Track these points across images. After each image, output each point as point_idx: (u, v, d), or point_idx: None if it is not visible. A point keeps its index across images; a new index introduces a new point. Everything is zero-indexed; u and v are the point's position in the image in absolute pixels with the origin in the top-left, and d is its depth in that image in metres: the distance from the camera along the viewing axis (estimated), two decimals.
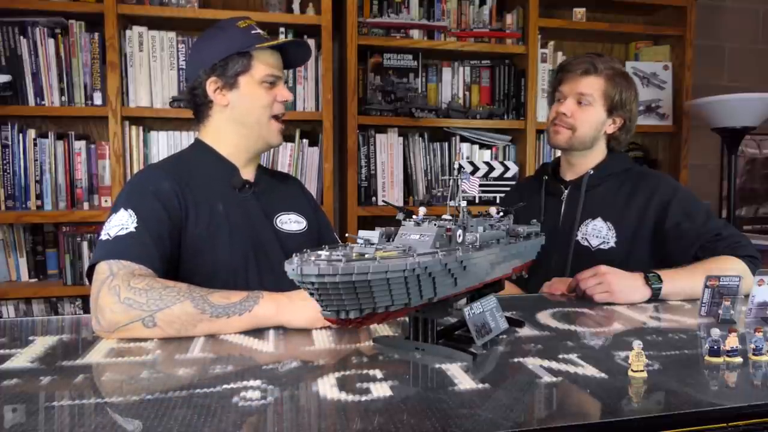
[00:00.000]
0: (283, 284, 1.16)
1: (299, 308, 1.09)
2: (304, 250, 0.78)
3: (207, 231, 1.32)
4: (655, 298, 1.35)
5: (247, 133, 1.41)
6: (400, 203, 2.61)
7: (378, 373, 0.86)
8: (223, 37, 1.39)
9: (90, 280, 1.19)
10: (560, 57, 2.72)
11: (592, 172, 1.68)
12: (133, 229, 1.19)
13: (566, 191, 1.72)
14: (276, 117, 1.43)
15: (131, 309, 1.04)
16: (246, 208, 1.40)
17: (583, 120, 1.64)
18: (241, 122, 1.40)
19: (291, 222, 1.48)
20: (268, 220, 1.44)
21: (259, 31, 1.42)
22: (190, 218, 1.31)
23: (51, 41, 2.28)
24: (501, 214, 1.11)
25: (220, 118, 1.41)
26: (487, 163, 1.18)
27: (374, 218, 2.50)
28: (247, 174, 1.45)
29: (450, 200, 1.02)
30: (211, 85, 1.37)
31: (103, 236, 1.20)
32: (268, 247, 1.39)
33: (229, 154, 1.42)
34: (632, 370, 0.85)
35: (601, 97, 1.63)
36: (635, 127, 1.72)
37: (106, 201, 2.36)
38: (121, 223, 1.20)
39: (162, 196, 1.27)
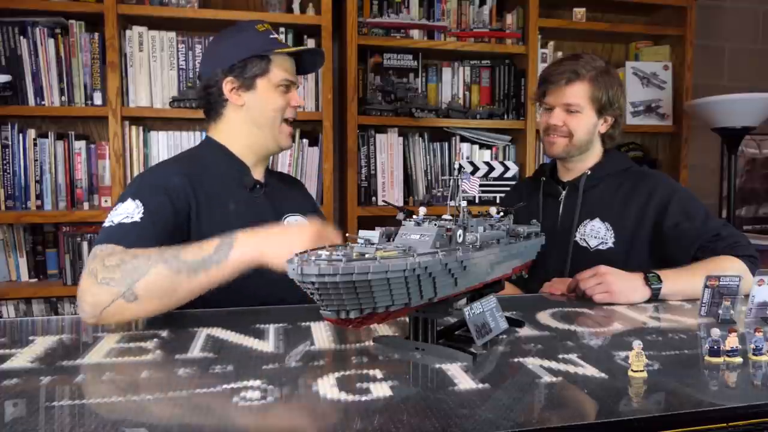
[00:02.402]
0: (296, 285, 1.15)
1: (278, 242, 1.06)
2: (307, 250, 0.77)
3: (218, 230, 1.31)
4: (655, 298, 1.35)
5: (259, 134, 1.43)
6: (400, 203, 2.62)
7: (378, 373, 0.86)
8: (242, 38, 1.41)
9: None
10: (560, 57, 2.72)
11: (589, 172, 1.68)
12: (138, 219, 1.19)
13: (564, 192, 1.72)
14: (286, 120, 1.46)
15: (109, 287, 1.03)
16: (257, 208, 1.41)
17: (576, 127, 1.62)
18: (255, 123, 1.42)
19: (297, 224, 1.49)
20: (277, 220, 1.45)
21: (276, 36, 1.45)
22: (201, 216, 1.31)
23: (51, 41, 2.28)
24: (501, 214, 1.11)
25: (233, 118, 1.43)
26: (487, 163, 1.18)
27: (374, 218, 2.50)
28: (257, 174, 1.47)
29: (450, 200, 1.02)
30: (227, 85, 1.39)
31: (107, 223, 1.20)
32: None
33: (240, 153, 1.44)
34: (632, 370, 0.85)
35: (589, 102, 1.61)
36: (625, 119, 1.71)
37: (106, 201, 2.36)
38: (127, 212, 1.20)
39: (171, 192, 1.28)
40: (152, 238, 1.18)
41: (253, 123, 1.42)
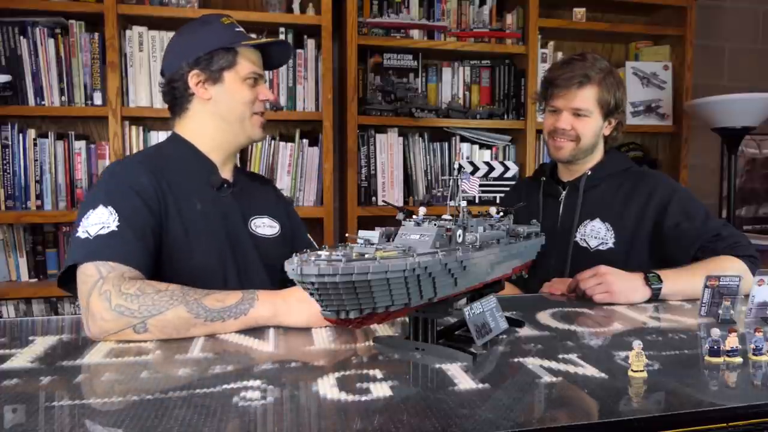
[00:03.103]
0: (259, 287, 1.14)
1: (295, 309, 1.08)
2: (305, 250, 0.77)
3: (184, 230, 1.28)
4: (655, 298, 1.35)
5: (228, 129, 1.38)
6: (400, 203, 2.61)
7: (378, 373, 0.86)
8: (207, 31, 1.37)
9: (62, 282, 1.17)
10: (560, 57, 2.72)
11: (589, 172, 1.68)
12: (116, 228, 1.15)
13: (564, 192, 1.71)
14: (257, 113, 1.41)
15: (122, 317, 1.02)
16: (223, 208, 1.37)
17: (584, 131, 1.61)
18: (223, 117, 1.37)
19: (264, 226, 1.45)
20: (244, 221, 1.41)
21: (241, 29, 1.41)
22: (169, 216, 1.27)
23: (51, 41, 2.28)
24: (501, 214, 1.11)
25: (200, 112, 1.38)
26: (487, 163, 1.18)
27: (374, 218, 2.50)
28: (225, 173, 1.42)
29: (450, 200, 1.02)
30: (193, 78, 1.34)
31: (81, 234, 1.15)
32: (246, 248, 1.36)
33: (208, 150, 1.39)
34: (632, 370, 0.85)
35: (597, 106, 1.60)
36: (625, 119, 1.70)
37: None
38: (102, 221, 1.16)
39: (142, 192, 1.23)
40: (135, 245, 1.15)
41: (220, 117, 1.37)
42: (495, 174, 1.18)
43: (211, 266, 1.30)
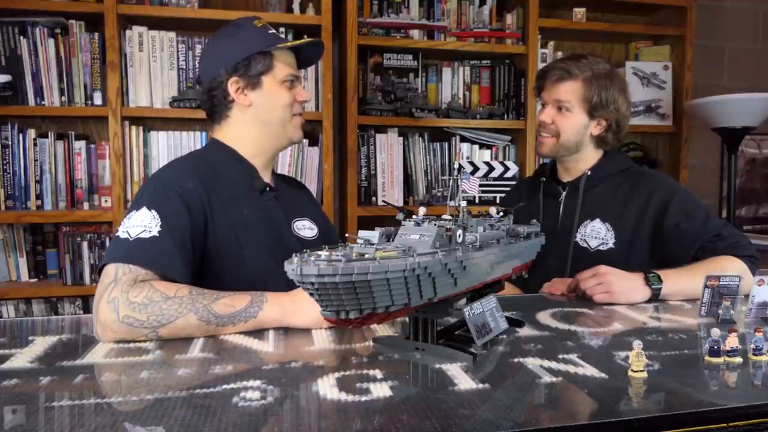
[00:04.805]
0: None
1: (303, 310, 1.08)
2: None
3: (233, 233, 1.28)
4: (655, 298, 1.35)
5: (269, 132, 1.39)
6: (400, 203, 2.62)
7: (378, 373, 0.86)
8: (242, 35, 1.37)
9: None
10: (560, 57, 2.72)
11: (589, 173, 1.68)
12: (157, 234, 1.14)
13: (564, 192, 1.71)
14: (295, 114, 1.43)
15: (132, 328, 1.02)
16: (269, 211, 1.38)
17: (564, 127, 1.62)
18: (264, 122, 1.38)
19: (305, 228, 1.47)
20: (288, 225, 1.42)
21: (273, 30, 1.41)
22: (215, 221, 1.27)
23: (51, 41, 2.28)
24: (501, 214, 1.11)
25: (241, 119, 1.38)
26: (487, 163, 1.18)
27: (374, 218, 2.50)
28: (266, 177, 1.43)
29: (450, 200, 1.02)
30: (233, 85, 1.34)
31: (122, 234, 1.14)
32: (292, 250, 1.37)
33: (249, 155, 1.40)
34: (632, 370, 0.85)
35: (580, 102, 1.61)
36: (627, 125, 1.68)
37: (106, 201, 2.36)
38: (144, 224, 1.15)
39: (187, 198, 1.23)
40: (172, 252, 1.15)
41: (261, 122, 1.38)
42: (495, 174, 1.18)
43: (261, 270, 1.29)
